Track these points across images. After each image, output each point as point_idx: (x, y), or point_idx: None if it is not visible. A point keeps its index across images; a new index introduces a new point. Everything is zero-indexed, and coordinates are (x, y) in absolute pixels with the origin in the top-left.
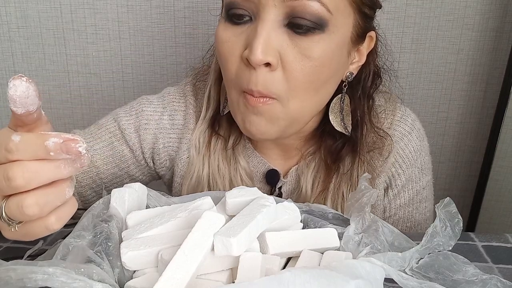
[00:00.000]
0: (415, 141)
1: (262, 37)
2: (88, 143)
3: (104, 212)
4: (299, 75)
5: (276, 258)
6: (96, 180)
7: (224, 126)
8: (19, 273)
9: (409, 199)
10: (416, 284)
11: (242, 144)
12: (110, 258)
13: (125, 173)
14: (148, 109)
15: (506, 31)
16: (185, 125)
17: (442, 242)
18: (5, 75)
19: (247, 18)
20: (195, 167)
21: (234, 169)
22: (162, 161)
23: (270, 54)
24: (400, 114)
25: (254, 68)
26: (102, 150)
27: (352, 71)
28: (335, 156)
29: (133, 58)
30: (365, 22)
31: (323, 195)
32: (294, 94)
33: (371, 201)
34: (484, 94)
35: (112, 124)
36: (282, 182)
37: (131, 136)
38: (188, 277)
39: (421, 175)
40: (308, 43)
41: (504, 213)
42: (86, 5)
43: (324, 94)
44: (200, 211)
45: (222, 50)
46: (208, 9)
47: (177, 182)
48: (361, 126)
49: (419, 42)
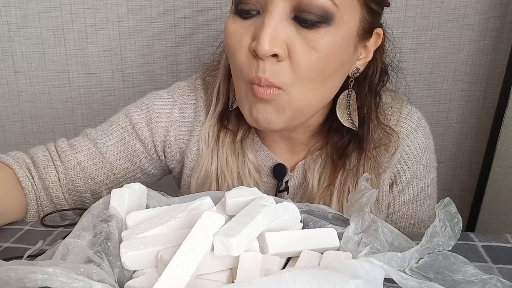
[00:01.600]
0: (420, 138)
1: (270, 28)
2: (101, 140)
3: (104, 212)
4: (306, 66)
5: (276, 258)
6: (110, 176)
7: (233, 120)
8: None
9: (413, 196)
10: (415, 284)
11: (250, 138)
12: (110, 258)
13: (137, 168)
14: (158, 103)
15: (506, 31)
16: (196, 118)
17: (441, 242)
18: (5, 75)
19: (255, 12)
20: (204, 160)
21: (242, 163)
22: (173, 154)
23: (277, 46)
24: (406, 111)
25: (261, 59)
26: (114, 146)
27: (359, 67)
28: (341, 152)
29: (133, 58)
30: (372, 17)
31: (329, 191)
32: (300, 85)
33: (371, 201)
34: (484, 94)
35: (123, 120)
36: (289, 176)
37: (142, 130)
38: (188, 277)
39: (426, 172)
40: (314, 35)
41: (504, 213)
42: (86, 5)
43: (330, 87)
44: (200, 211)
45: (231, 42)
46: (208, 9)
47: (186, 174)
48: (367, 122)
49: (419, 42)
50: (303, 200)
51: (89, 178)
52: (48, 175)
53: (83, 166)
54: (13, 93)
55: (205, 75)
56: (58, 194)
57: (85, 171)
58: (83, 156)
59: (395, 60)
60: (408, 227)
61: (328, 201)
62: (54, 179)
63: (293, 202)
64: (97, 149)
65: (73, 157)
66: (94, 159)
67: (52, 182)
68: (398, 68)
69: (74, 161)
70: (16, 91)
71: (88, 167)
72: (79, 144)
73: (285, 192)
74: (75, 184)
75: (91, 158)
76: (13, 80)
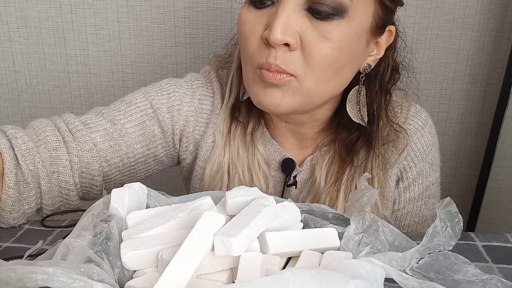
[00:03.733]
0: (427, 136)
1: (282, 18)
2: (120, 121)
3: (104, 212)
4: (318, 55)
5: (276, 258)
6: (124, 159)
7: (244, 112)
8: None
9: (418, 193)
10: (416, 284)
11: (260, 131)
12: (110, 258)
13: (151, 153)
14: (180, 91)
15: (506, 31)
16: (213, 110)
17: (442, 242)
18: (5, 75)
19: (270, 3)
20: (218, 151)
21: (252, 155)
22: (187, 144)
23: (289, 35)
24: (414, 110)
25: (273, 47)
26: (133, 129)
27: (370, 63)
28: (350, 149)
29: (133, 58)
30: (385, 14)
31: (336, 186)
32: (311, 73)
33: (371, 201)
34: (484, 94)
35: (143, 102)
36: (298, 171)
37: (164, 116)
38: (188, 277)
39: (431, 170)
40: (327, 26)
41: (504, 213)
42: (86, 5)
43: (340, 80)
44: (200, 211)
45: (243, 30)
46: (208, 9)
47: (199, 165)
48: (377, 120)
49: (419, 42)
50: (310, 195)
51: (104, 161)
52: (59, 158)
53: (99, 148)
54: (13, 93)
55: (218, 67)
56: (68, 179)
57: (100, 153)
58: (99, 136)
59: (406, 59)
60: (412, 225)
61: (335, 197)
62: (65, 163)
63: (294, 202)
64: (115, 130)
65: (89, 138)
66: (111, 140)
67: (63, 166)
68: (409, 67)
69: (90, 142)
70: (16, 91)
71: (104, 149)
72: (93, 123)
73: (293, 186)
74: (89, 167)
75: (108, 140)
76: (13, 80)
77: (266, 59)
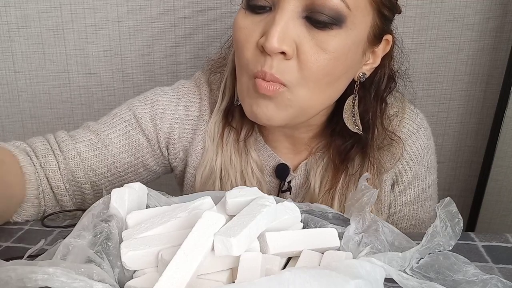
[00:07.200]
0: (422, 139)
1: (280, 25)
2: (103, 132)
3: (104, 212)
4: (313, 66)
5: (276, 258)
6: (111, 169)
7: (237, 118)
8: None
9: (414, 196)
10: (416, 284)
11: (254, 137)
12: (110, 258)
13: (140, 163)
14: (163, 99)
15: (506, 31)
16: (200, 116)
17: (442, 242)
18: (5, 75)
19: (267, 9)
20: (209, 156)
21: (245, 161)
22: (176, 152)
23: (286, 43)
24: (409, 111)
25: (269, 55)
26: (118, 139)
27: (365, 71)
28: (344, 157)
29: (133, 58)
30: (383, 23)
31: (330, 194)
32: (305, 84)
33: (371, 201)
34: (484, 94)
35: (126, 113)
36: (292, 176)
37: (147, 125)
38: (188, 277)
39: (427, 173)
40: (325, 36)
41: (504, 213)
42: (86, 5)
43: (335, 90)
44: (200, 211)
45: (239, 37)
46: (208, 9)
47: (190, 173)
48: (372, 128)
49: (419, 42)
50: (304, 201)
51: (89, 170)
52: (48, 164)
53: (84, 157)
54: (13, 93)
55: (210, 72)
56: (59, 184)
57: (85, 162)
58: (83, 146)
59: (403, 67)
60: (409, 228)
61: (329, 205)
62: (54, 168)
63: (294, 202)
64: (99, 140)
65: (73, 147)
66: (95, 150)
67: (52, 171)
68: (405, 75)
69: (74, 151)
70: (16, 91)
71: (89, 158)
72: (79, 135)
73: (288, 192)
74: (74, 174)
75: (92, 149)
76: (13, 80)
77: (262, 67)
